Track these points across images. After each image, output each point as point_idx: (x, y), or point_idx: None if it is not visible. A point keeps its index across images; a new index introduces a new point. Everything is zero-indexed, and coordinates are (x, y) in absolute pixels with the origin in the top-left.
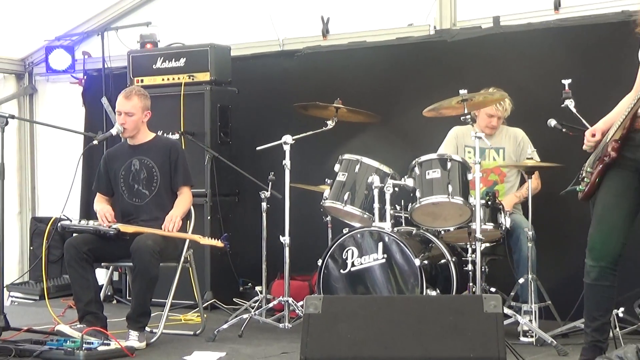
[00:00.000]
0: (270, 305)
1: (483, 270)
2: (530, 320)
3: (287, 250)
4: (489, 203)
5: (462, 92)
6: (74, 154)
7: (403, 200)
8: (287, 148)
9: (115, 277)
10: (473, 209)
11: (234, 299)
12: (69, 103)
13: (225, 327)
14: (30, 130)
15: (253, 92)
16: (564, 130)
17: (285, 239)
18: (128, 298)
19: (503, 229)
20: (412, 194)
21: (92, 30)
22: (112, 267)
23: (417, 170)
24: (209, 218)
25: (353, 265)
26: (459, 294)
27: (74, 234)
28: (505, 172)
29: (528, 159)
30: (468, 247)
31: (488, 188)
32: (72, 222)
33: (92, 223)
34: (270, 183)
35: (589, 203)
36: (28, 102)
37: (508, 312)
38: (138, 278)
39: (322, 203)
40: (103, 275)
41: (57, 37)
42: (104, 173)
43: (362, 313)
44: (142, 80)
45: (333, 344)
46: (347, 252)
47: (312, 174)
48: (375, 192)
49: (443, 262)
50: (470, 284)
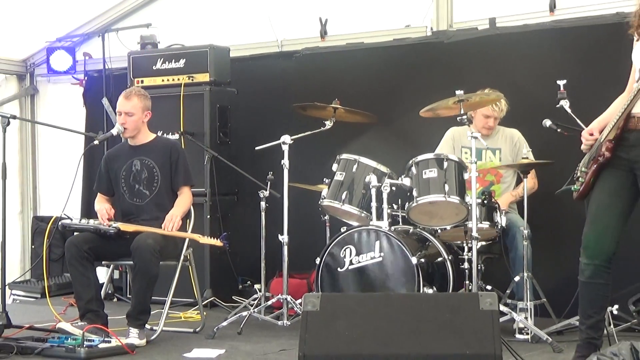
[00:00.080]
0: (269, 303)
1: (479, 269)
2: (526, 318)
3: (285, 249)
4: (485, 202)
5: (458, 92)
6: (75, 154)
7: (400, 200)
8: (285, 148)
9: (116, 275)
10: (469, 208)
11: (233, 297)
12: (70, 104)
13: (225, 324)
14: (32, 131)
15: (252, 92)
16: (559, 131)
17: (284, 238)
18: (128, 296)
19: (499, 228)
20: (409, 193)
21: (92, 32)
22: (112, 265)
23: (414, 170)
24: (209, 217)
25: (351, 264)
26: (456, 292)
27: (75, 233)
28: (502, 172)
29: (523, 159)
30: (464, 245)
31: (484, 188)
32: (72, 221)
33: (92, 222)
34: (269, 182)
35: (584, 202)
36: (29, 102)
37: (504, 309)
38: (138, 276)
39: (320, 202)
40: (104, 274)
41: (58, 38)
42: (105, 173)
43: (359, 310)
44: (142, 81)
45: (331, 341)
46: (344, 250)
47: (310, 174)
48: (373, 191)
49: (439, 260)
50: (467, 282)
